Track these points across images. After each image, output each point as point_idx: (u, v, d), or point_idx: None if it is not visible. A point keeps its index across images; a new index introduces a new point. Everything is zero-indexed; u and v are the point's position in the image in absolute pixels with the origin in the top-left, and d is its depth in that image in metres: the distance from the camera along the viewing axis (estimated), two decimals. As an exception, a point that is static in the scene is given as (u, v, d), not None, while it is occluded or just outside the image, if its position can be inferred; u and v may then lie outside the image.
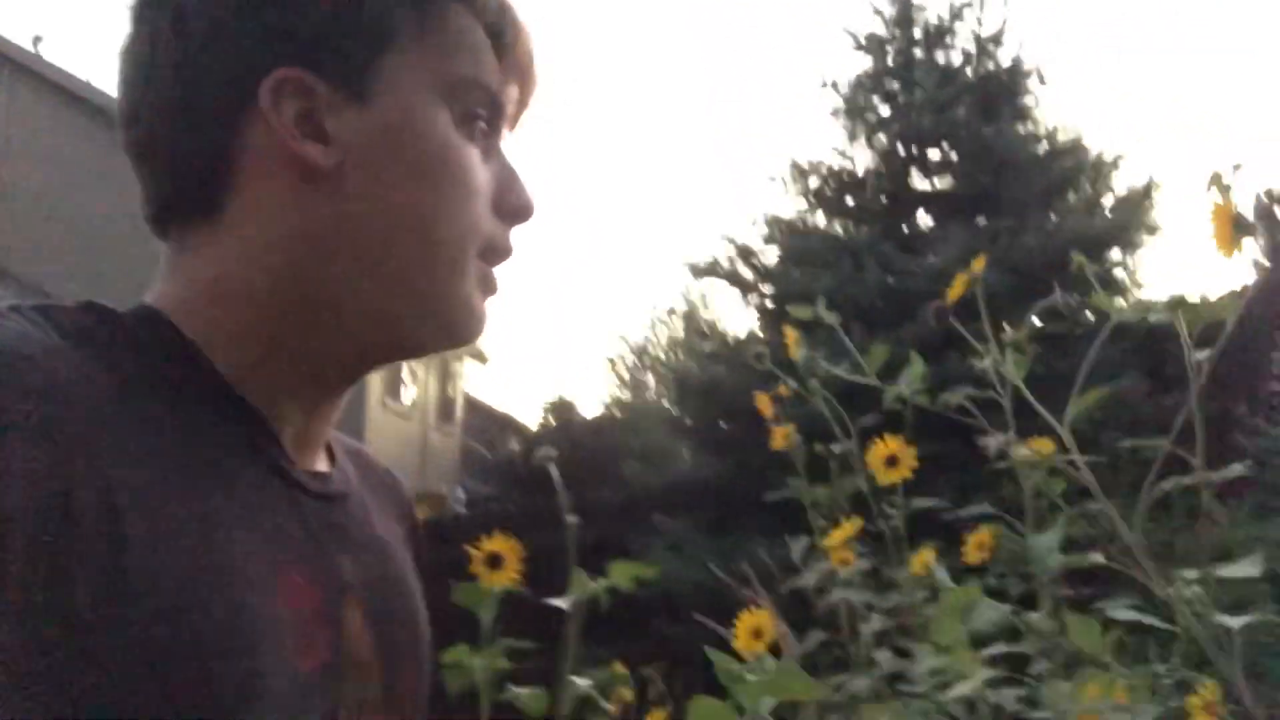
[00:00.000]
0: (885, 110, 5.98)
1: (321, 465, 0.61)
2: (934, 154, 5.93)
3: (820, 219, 5.87)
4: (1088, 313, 4.46)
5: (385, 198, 0.55)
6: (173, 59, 0.54)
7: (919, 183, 5.97)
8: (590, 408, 26.84)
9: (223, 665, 0.45)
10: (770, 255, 5.71)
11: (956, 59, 6.20)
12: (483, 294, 0.59)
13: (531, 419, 22.51)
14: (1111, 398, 1.19)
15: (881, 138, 5.82)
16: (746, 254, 5.62)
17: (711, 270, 5.62)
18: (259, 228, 0.54)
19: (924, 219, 5.82)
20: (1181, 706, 1.11)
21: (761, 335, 5.41)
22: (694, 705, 0.93)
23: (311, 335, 0.55)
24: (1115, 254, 5.77)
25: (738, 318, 38.68)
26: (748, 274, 5.63)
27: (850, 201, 5.85)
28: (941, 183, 5.93)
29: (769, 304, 5.52)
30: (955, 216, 5.31)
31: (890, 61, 6.06)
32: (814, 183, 5.86)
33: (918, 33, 6.19)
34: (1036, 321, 1.27)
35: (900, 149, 5.85)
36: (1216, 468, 1.18)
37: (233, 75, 0.53)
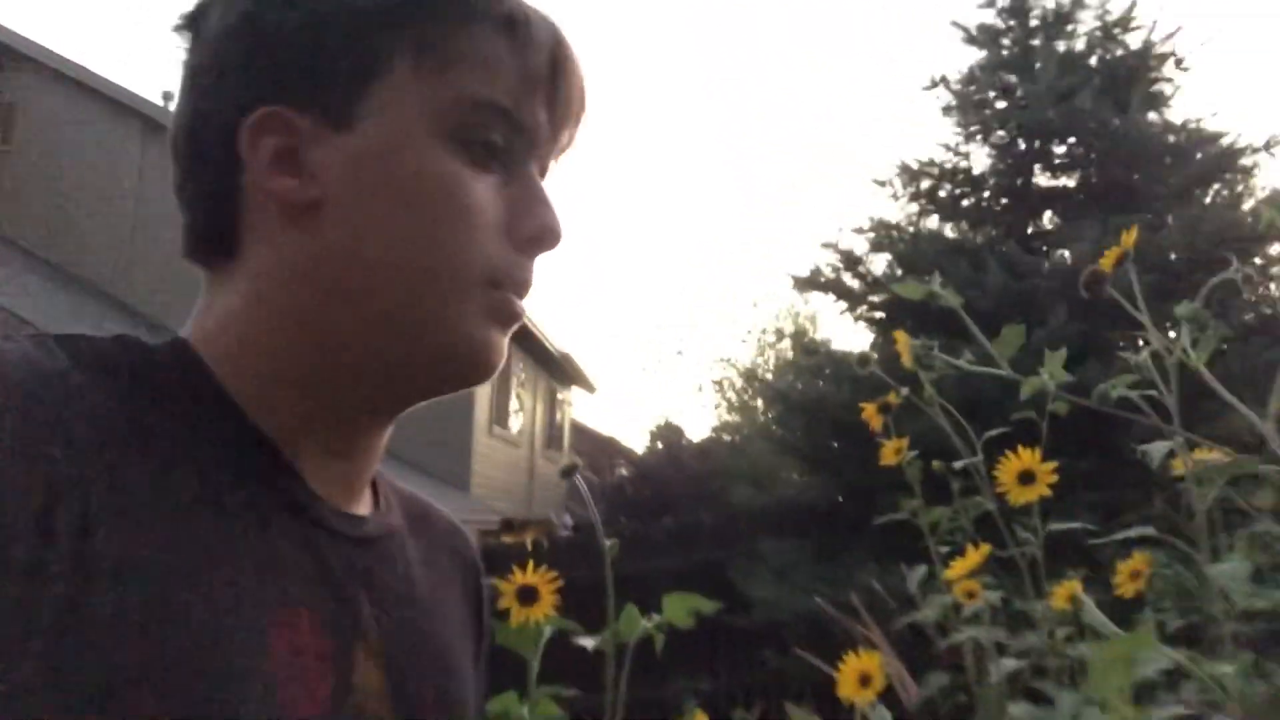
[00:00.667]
0: (1002, 104, 5.55)
1: (360, 508, 0.60)
2: (1058, 148, 5.46)
3: (934, 223, 5.48)
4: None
5: (369, 230, 0.54)
6: (184, 105, 0.57)
7: (1042, 179, 5.51)
8: (699, 432, 26.71)
9: (189, 703, 0.43)
10: (879, 263, 5.35)
11: (1079, 46, 5.75)
12: (495, 326, 0.57)
13: (639, 444, 22.51)
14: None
15: (1000, 133, 5.40)
16: (852, 262, 5.26)
17: (814, 282, 5.29)
18: (261, 266, 0.55)
19: (1049, 218, 5.36)
20: None
21: (874, 355, 5.10)
22: None
23: (321, 375, 0.55)
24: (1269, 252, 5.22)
25: (849, 336, 37.88)
26: (854, 284, 5.27)
27: (967, 202, 5.43)
28: (1068, 179, 5.46)
29: (879, 315, 5.15)
30: (1084, 214, 4.82)
31: (1005, 53, 5.62)
32: (926, 184, 5.46)
33: (1035, 21, 5.77)
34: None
35: (1020, 144, 5.41)
36: None
37: (224, 118, 0.55)
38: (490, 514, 11.60)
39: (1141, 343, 1.23)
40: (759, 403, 21.63)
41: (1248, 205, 5.70)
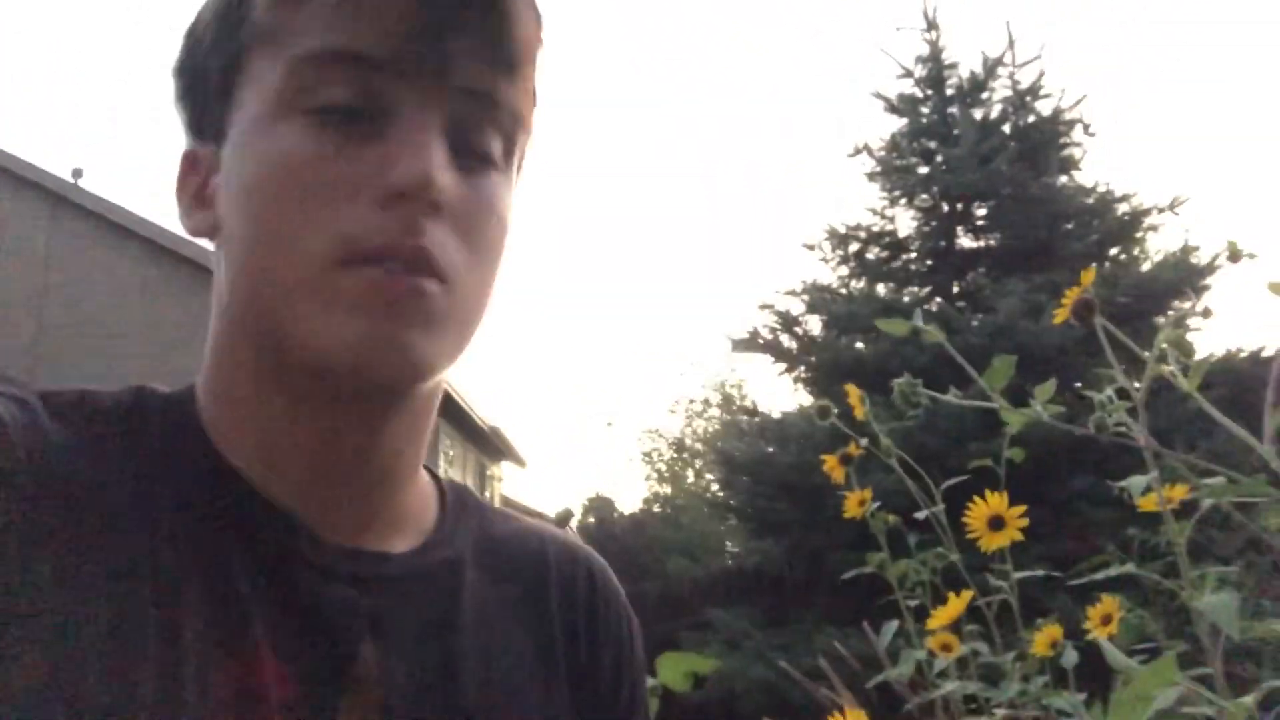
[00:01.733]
0: (924, 169, 5.76)
1: (392, 544, 0.55)
2: (979, 210, 5.66)
3: (863, 284, 5.60)
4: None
5: (233, 239, 0.51)
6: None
7: (965, 240, 5.71)
8: (630, 504, 26.52)
9: None
10: (814, 325, 5.43)
11: (994, 114, 6.01)
12: (374, 315, 0.47)
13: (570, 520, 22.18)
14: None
15: (923, 196, 5.59)
16: (789, 322, 5.34)
17: (752, 343, 5.34)
18: (217, 304, 0.54)
19: (974, 278, 5.54)
20: None
21: (832, 407, 5.13)
22: None
23: (267, 398, 0.51)
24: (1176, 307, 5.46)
25: (778, 400, 38.29)
26: (791, 345, 5.34)
27: (894, 264, 5.58)
28: (989, 240, 5.67)
29: (814, 375, 5.21)
30: (1008, 273, 5.01)
31: (925, 120, 5.85)
32: (854, 247, 5.60)
33: (951, 90, 6.01)
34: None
35: (944, 206, 5.61)
36: None
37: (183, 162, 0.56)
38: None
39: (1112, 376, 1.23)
40: (689, 473, 21.61)
41: (1148, 265, 6.02)
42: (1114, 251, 5.73)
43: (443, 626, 0.54)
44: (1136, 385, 1.13)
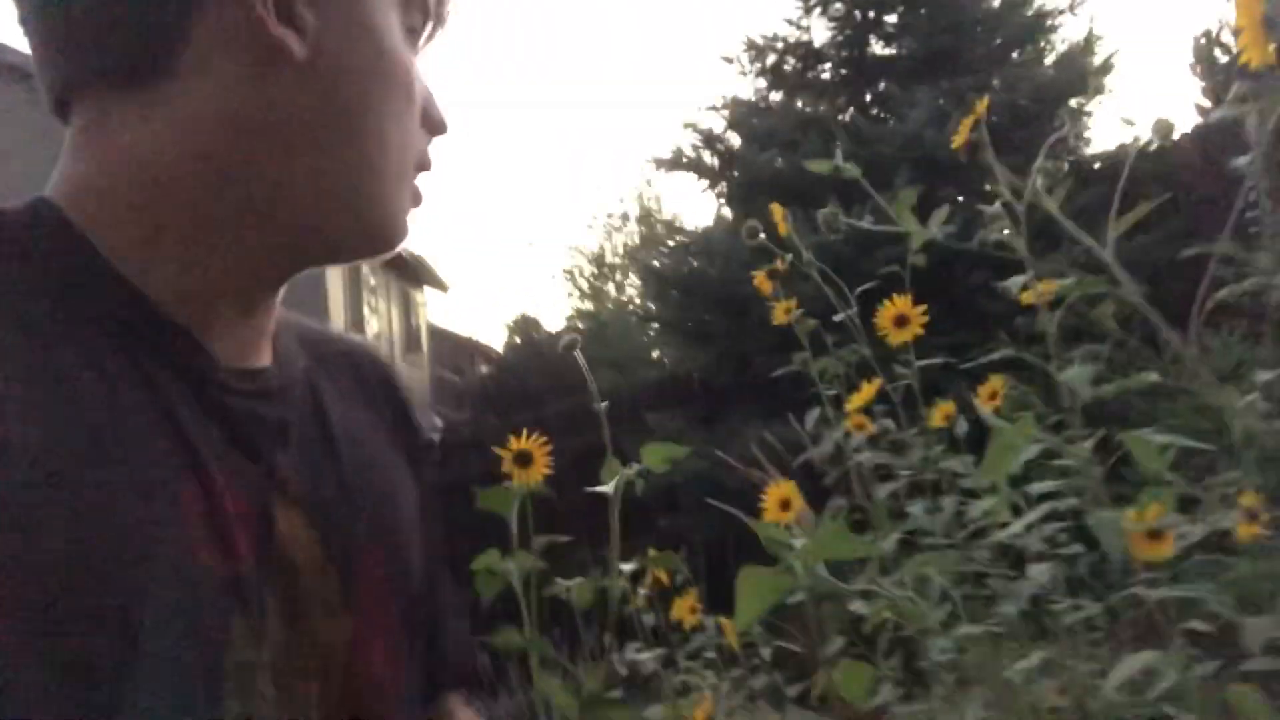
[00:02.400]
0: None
1: (262, 360, 0.57)
2: (889, 18, 5.73)
3: (780, 97, 5.70)
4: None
5: (346, 97, 0.52)
6: None
7: (877, 49, 5.79)
8: (553, 323, 26.81)
9: (101, 574, 0.42)
10: (735, 141, 5.54)
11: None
12: (413, 208, 0.58)
13: (496, 341, 22.47)
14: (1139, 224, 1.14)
15: (836, 5, 5.61)
16: (711, 140, 5.45)
17: (676, 162, 5.45)
18: (202, 105, 0.50)
19: (886, 87, 5.66)
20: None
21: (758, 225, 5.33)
22: (744, 575, 0.89)
23: (235, 231, 0.52)
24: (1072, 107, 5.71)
25: (693, 214, 38.38)
26: (713, 162, 5.46)
27: (809, 75, 5.66)
28: (900, 47, 5.76)
29: (736, 191, 5.38)
30: (918, 81, 5.17)
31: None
32: (771, 60, 5.66)
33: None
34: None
35: (856, 14, 5.64)
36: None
37: None
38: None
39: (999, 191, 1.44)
40: (610, 287, 21.84)
41: (1049, 61, 6.20)
42: (1016, 55, 5.89)
43: (321, 426, 0.59)
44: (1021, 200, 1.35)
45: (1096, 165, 5.34)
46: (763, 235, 2.04)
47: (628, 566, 1.18)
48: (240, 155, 0.50)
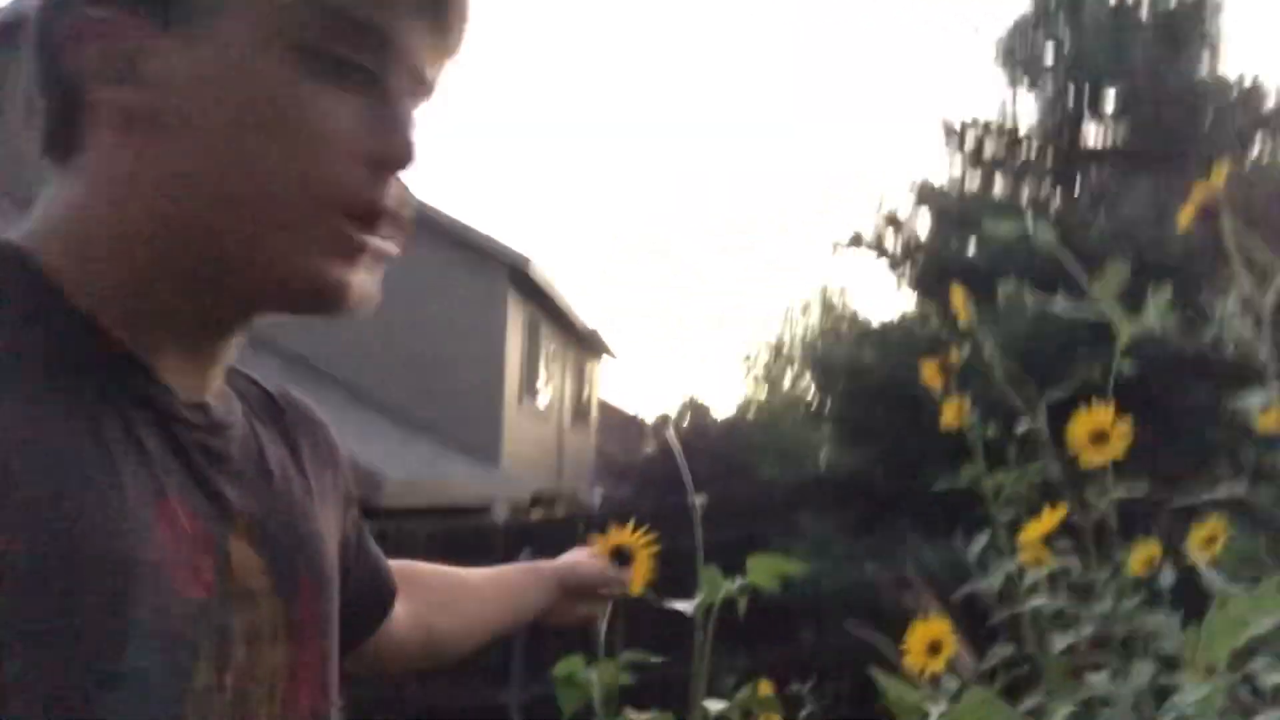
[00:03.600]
0: (1050, 55, 5.32)
1: (208, 398, 0.59)
2: (1109, 99, 5.24)
3: (977, 182, 5.30)
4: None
5: (207, 152, 0.52)
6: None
7: (1090, 131, 5.31)
8: (726, 409, 26.67)
9: (86, 600, 0.46)
10: (921, 227, 5.21)
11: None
12: (338, 261, 0.54)
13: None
14: None
15: (1048, 84, 5.19)
16: (894, 222, 5.13)
17: (857, 242, 5.16)
18: (102, 171, 0.54)
19: (1098, 175, 5.17)
20: None
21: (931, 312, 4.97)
22: None
23: (157, 279, 0.54)
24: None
25: (880, 308, 37.49)
26: (896, 244, 5.13)
27: (1015, 160, 5.24)
28: (1117, 134, 5.27)
29: (920, 277, 5.02)
30: (1135, 171, 4.68)
31: (1052, 4, 5.40)
32: (970, 142, 5.29)
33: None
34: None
35: (1070, 97, 5.20)
36: None
37: (69, 16, 0.53)
38: (520, 488, 11.62)
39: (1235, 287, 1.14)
40: (786, 376, 21.52)
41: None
42: (1256, 152, 5.29)
43: (261, 463, 0.62)
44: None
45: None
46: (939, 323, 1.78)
47: (715, 706, 0.93)
48: (142, 213, 0.53)
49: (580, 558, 0.94)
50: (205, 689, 0.51)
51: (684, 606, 0.84)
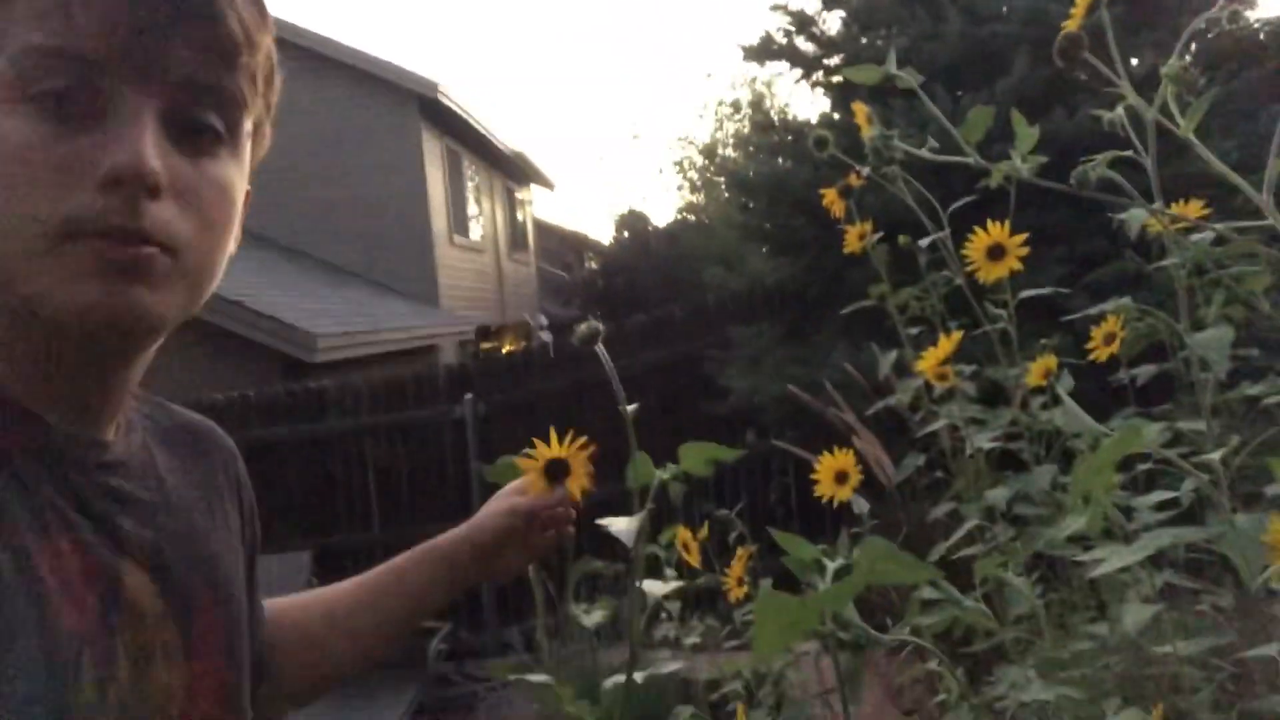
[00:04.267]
0: None
1: (106, 433, 0.64)
2: None
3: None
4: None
5: None
6: None
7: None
8: (664, 218, 26.40)
9: None
10: (833, 23, 5.00)
11: None
12: (95, 281, 0.55)
13: (604, 235, 22.31)
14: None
15: None
16: (804, 23, 4.91)
17: (765, 50, 4.97)
18: None
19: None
20: None
21: (835, 117, 4.83)
22: (762, 602, 0.68)
23: (15, 335, 0.57)
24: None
25: (809, 102, 36.72)
26: (808, 48, 4.94)
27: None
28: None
29: (835, 80, 4.86)
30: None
31: None
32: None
33: None
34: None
35: None
36: None
37: None
38: (464, 325, 11.58)
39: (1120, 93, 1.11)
40: (722, 179, 21.28)
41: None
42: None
43: (160, 492, 0.66)
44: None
45: (1262, 35, 4.65)
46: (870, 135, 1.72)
47: (654, 585, 0.92)
48: None
49: (488, 512, 0.89)
50: (88, 706, 0.55)
51: (620, 531, 0.81)
